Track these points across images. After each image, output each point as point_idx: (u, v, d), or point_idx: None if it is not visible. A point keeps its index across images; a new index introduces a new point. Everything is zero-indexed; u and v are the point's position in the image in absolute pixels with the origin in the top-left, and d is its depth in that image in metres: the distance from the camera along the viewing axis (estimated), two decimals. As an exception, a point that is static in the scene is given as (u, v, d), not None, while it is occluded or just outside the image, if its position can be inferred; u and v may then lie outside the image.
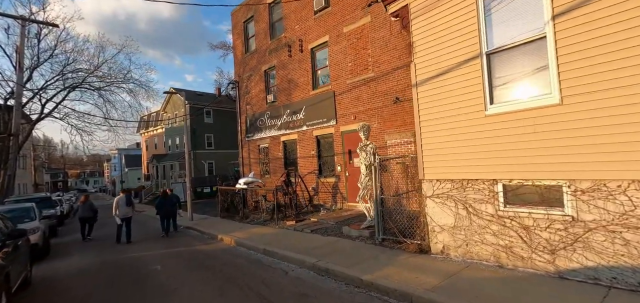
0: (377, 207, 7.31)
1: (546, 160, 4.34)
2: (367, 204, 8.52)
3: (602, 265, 3.94)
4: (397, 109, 10.38)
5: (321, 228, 9.47)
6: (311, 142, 13.42)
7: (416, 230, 6.50)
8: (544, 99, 4.38)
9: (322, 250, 7.16)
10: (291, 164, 14.61)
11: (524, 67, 4.64)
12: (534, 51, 4.51)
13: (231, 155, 35.28)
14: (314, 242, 7.95)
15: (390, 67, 10.54)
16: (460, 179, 5.39)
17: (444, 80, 5.55)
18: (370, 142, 8.77)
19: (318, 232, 9.13)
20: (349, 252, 6.80)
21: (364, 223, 8.43)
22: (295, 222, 10.62)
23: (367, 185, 8.56)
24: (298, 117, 13.88)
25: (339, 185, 12.31)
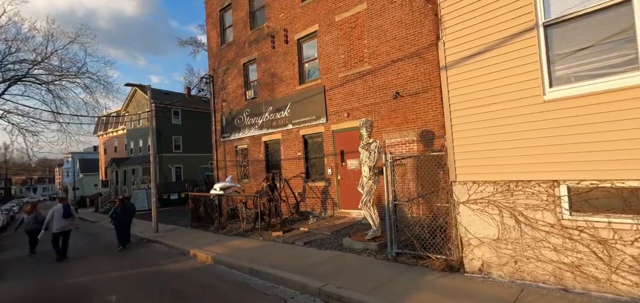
0: (389, 215, 6.19)
1: (632, 154, 3.43)
2: (370, 212, 7.40)
3: None
4: (397, 105, 9.41)
5: (315, 240, 8.21)
6: (297, 143, 12.14)
7: (442, 243, 5.45)
8: (629, 77, 3.49)
9: (324, 268, 5.91)
10: (274, 167, 13.21)
11: (597, 40, 3.74)
12: (612, 19, 3.62)
13: (202, 159, 33.00)
14: (311, 258, 6.68)
15: (389, 58, 9.57)
16: (505, 181, 4.40)
17: (483, 61, 4.57)
18: (374, 139, 7.68)
19: (312, 244, 7.86)
20: (359, 270, 5.62)
21: (368, 233, 7.30)
22: (283, 233, 9.27)
23: (371, 189, 7.44)
24: (282, 115, 12.55)
25: (329, 189, 11.11)
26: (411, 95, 9.11)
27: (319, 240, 8.17)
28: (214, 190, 12.21)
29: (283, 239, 8.64)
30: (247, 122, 14.02)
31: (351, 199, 10.45)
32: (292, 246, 7.99)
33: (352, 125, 10.42)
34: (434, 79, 8.67)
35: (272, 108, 12.96)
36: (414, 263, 5.60)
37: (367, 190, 7.47)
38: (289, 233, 9.20)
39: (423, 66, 8.87)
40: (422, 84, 8.88)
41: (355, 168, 10.40)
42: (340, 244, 7.53)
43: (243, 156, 14.55)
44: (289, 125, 12.33)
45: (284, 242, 8.42)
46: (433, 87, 8.68)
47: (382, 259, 6.09)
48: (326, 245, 7.67)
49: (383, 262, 5.96)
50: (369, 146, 7.52)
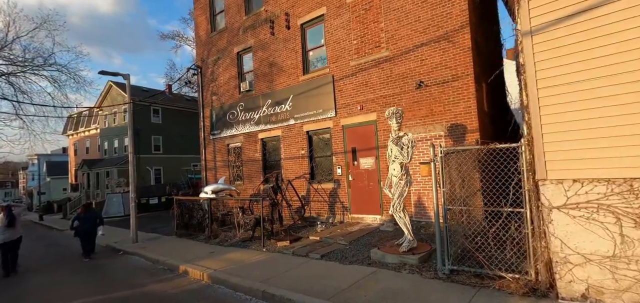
0: (439, 222, 5.01)
1: None
2: (404, 218, 6.22)
3: None
4: (420, 96, 8.32)
5: (332, 251, 6.94)
6: (300, 139, 10.83)
7: (514, 259, 4.33)
8: None
9: (365, 293, 4.65)
10: (272, 167, 11.83)
11: None
12: None
13: (184, 161, 30.94)
14: (338, 277, 5.41)
15: (411, 43, 8.48)
16: (628, 178, 3.32)
17: (590, 20, 3.48)
18: (405, 132, 6.51)
19: (331, 257, 6.59)
20: (414, 297, 4.38)
21: (402, 244, 6.09)
22: (290, 242, 7.94)
23: (403, 191, 6.27)
24: (283, 109, 11.22)
25: (338, 192, 9.87)
26: (438, 85, 8.04)
27: (338, 251, 6.91)
28: (204, 193, 10.71)
29: (293, 251, 7.31)
30: (242, 118, 12.57)
31: (364, 203, 9.26)
32: (305, 259, 6.69)
33: (366, 120, 9.25)
34: (465, 66, 7.64)
35: (270, 101, 11.60)
36: (479, 284, 4.44)
37: (398, 193, 6.29)
38: (298, 243, 7.88)
39: (452, 51, 7.83)
40: (451, 71, 7.84)
41: (369, 168, 9.22)
42: (367, 257, 6.30)
43: (236, 155, 13.07)
44: (290, 120, 11.01)
45: (295, 255, 7.10)
46: (464, 75, 7.65)
47: (432, 278, 4.91)
48: (349, 258, 6.42)
49: (435, 281, 4.77)
50: (399, 140, 6.34)
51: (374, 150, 9.16)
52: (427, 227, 7.96)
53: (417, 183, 8.36)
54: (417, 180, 8.35)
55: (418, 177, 8.32)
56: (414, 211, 8.38)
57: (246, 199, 10.56)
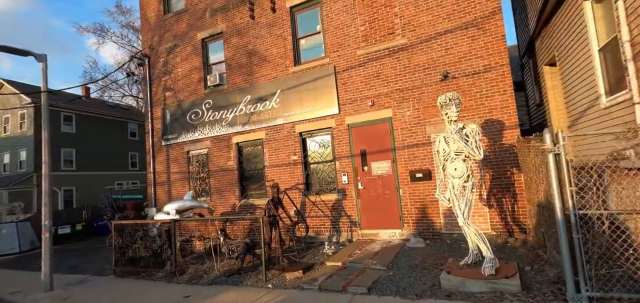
0: (565, 232, 3.78)
1: None
2: (476, 230, 4.91)
3: None
4: (447, 89, 7.30)
5: (377, 281, 5.24)
6: (291, 143, 8.94)
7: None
8: None
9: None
10: (252, 178, 9.63)
11: None
12: None
13: (105, 179, 25.56)
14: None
15: (432, 30, 7.49)
16: None
17: None
18: (465, 123, 5.29)
19: (383, 290, 4.91)
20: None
21: (483, 264, 4.72)
22: (302, 273, 6.02)
23: (470, 197, 4.99)
24: (267, 107, 9.22)
25: (343, 204, 8.22)
26: (467, 76, 7.13)
27: (383, 281, 5.24)
28: (164, 214, 8.02)
29: (318, 285, 5.39)
30: (209, 118, 10.11)
31: (379, 215, 7.79)
32: (348, 297, 4.87)
33: (378, 117, 7.89)
34: (500, 55, 6.87)
35: (250, 97, 9.49)
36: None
37: (467, 200, 4.99)
38: (314, 273, 6.01)
39: (483, 39, 7.03)
40: (483, 61, 7.01)
41: (384, 174, 7.83)
42: (433, 286, 4.79)
43: (200, 165, 10.44)
44: (278, 119, 9.06)
45: (324, 290, 5.22)
46: (499, 65, 6.87)
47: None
48: (410, 290, 4.81)
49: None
50: (461, 131, 5.09)
51: (389, 152, 7.81)
52: (457, 242, 6.80)
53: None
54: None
55: (447, 182, 7.18)
56: (443, 222, 7.20)
57: (239, 217, 8.18)
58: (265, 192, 9.22)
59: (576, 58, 6.20)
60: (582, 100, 6.16)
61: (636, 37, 4.36)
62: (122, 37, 28.60)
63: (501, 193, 6.78)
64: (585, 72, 5.93)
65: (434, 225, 7.25)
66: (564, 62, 6.85)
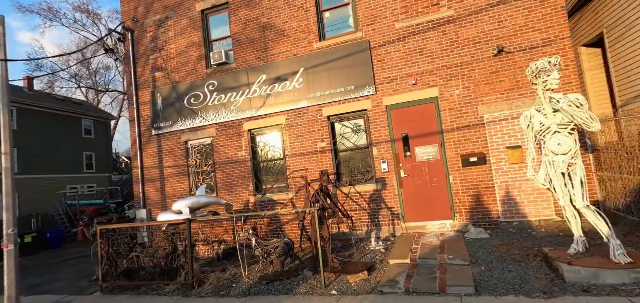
0: None
1: None
2: (595, 212, 4.17)
3: None
4: (500, 66, 6.61)
5: (478, 279, 4.29)
6: (318, 127, 7.74)
7: None
8: None
9: None
10: (269, 171, 8.27)
11: None
12: None
13: (57, 183, 22.10)
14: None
15: (484, 1, 6.75)
16: None
17: None
18: (550, 96, 4.52)
19: (496, 290, 3.96)
20: None
21: (616, 252, 3.94)
22: (368, 274, 4.94)
23: (582, 177, 4.25)
24: (288, 88, 7.92)
25: (384, 195, 7.21)
26: (523, 51, 6.48)
27: (483, 278, 4.32)
28: (170, 214, 6.45)
29: (402, 287, 4.32)
30: (213, 102, 8.54)
31: (425, 206, 6.91)
32: (451, 300, 3.86)
33: (422, 97, 7.00)
34: (560, 28, 6.30)
35: (265, 78, 8.11)
36: None
37: (581, 179, 4.23)
38: (379, 275, 4.91)
39: (540, 11, 6.41)
40: (541, 34, 6.39)
41: (431, 160, 6.96)
42: (552, 279, 3.95)
43: (203, 157, 8.81)
44: (302, 101, 7.81)
45: (415, 293, 4.17)
46: (559, 39, 6.29)
47: None
48: (524, 286, 3.93)
49: None
50: (560, 103, 4.34)
51: (437, 136, 6.95)
52: (521, 231, 6.12)
53: (503, 174, 6.52)
54: (503, 169, 6.51)
55: (504, 166, 6.50)
56: (501, 209, 6.49)
57: (286, 211, 6.76)
58: (286, 186, 7.91)
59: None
60: None
61: None
62: (75, 20, 24.97)
63: (565, 176, 6.21)
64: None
65: (491, 214, 6.51)
66: (618, 40, 6.45)
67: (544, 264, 4.50)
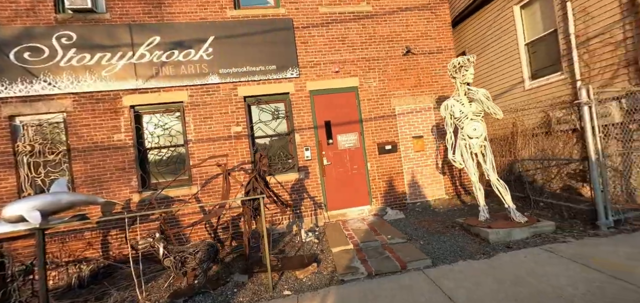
0: (597, 175, 4.33)
1: None
2: (504, 185, 5.01)
3: None
4: (408, 64, 7.30)
5: (428, 254, 4.40)
6: (232, 108, 6.47)
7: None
8: None
9: None
10: (162, 161, 6.31)
11: None
12: None
13: None
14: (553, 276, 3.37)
15: (394, 4, 7.30)
16: None
17: None
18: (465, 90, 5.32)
19: (442, 258, 4.14)
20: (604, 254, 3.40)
21: (515, 214, 4.80)
22: (316, 266, 4.40)
23: (491, 157, 5.10)
24: (192, 57, 6.29)
25: (305, 184, 6.70)
26: (425, 55, 7.38)
27: (428, 251, 4.47)
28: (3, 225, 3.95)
29: (364, 271, 3.96)
30: (68, 62, 5.84)
31: (347, 193, 6.89)
32: (417, 276, 3.80)
33: (345, 85, 6.96)
34: (447, 40, 7.51)
35: (159, 40, 6.19)
36: None
37: (490, 159, 5.03)
38: (328, 265, 4.44)
39: (435, 22, 7.47)
40: (436, 43, 7.45)
41: (352, 147, 6.97)
42: (480, 242, 4.48)
43: (47, 141, 5.86)
44: (212, 76, 6.36)
45: (379, 275, 3.89)
46: (447, 49, 7.49)
47: (597, 236, 4.12)
48: (465, 251, 4.27)
49: (603, 238, 4.01)
50: (477, 93, 5.12)
51: (357, 124, 7.00)
52: (425, 210, 6.94)
53: (409, 161, 7.19)
54: (409, 157, 7.19)
55: (410, 154, 7.19)
56: (408, 192, 7.12)
57: (214, 203, 4.89)
58: (189, 179, 6.24)
59: (497, 51, 7.58)
60: (502, 84, 7.57)
61: (580, 30, 5.67)
62: None
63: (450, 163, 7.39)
64: (507, 62, 7.34)
65: (400, 197, 7.05)
66: (480, 55, 8.21)
67: (464, 232, 5.08)
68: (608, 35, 5.21)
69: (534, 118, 6.48)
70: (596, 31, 5.38)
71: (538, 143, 6.31)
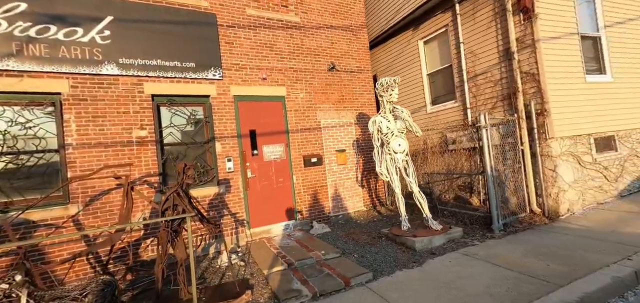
0: (493, 187, 5.16)
1: (609, 118, 6.26)
2: (423, 196, 5.46)
3: (633, 179, 6.44)
4: (332, 80, 7.43)
5: (366, 268, 4.36)
6: (136, 109, 5.23)
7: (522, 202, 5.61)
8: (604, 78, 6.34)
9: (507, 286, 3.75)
10: (22, 173, 4.55)
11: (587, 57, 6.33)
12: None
13: None
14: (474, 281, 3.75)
15: (322, 20, 7.38)
16: (571, 136, 5.80)
17: (560, 44, 5.75)
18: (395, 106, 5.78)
19: (381, 271, 4.21)
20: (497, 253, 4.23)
21: (432, 223, 5.26)
22: (251, 293, 3.86)
23: (413, 170, 5.55)
24: (79, 37, 4.84)
25: (227, 199, 5.91)
26: (347, 72, 7.67)
27: (365, 264, 4.45)
28: None
29: (308, 293, 3.64)
30: None
31: (270, 207, 6.45)
32: (363, 291, 3.71)
33: (272, 94, 6.59)
34: (366, 62, 8.00)
35: (25, 8, 4.56)
36: (519, 228, 5.19)
37: (412, 171, 5.46)
38: (263, 291, 3.96)
39: (356, 44, 7.88)
40: (357, 63, 7.84)
41: (277, 159, 6.59)
42: (407, 251, 4.74)
43: None
44: (108, 66, 5.03)
45: (323, 295, 3.65)
46: (366, 70, 7.98)
47: (493, 238, 4.91)
48: (399, 262, 4.43)
49: (500, 240, 4.83)
50: (403, 113, 5.57)
51: (283, 135, 6.65)
52: (348, 222, 7.07)
53: (332, 174, 7.23)
54: (332, 170, 7.24)
55: (334, 167, 7.25)
56: (331, 205, 7.11)
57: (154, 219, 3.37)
58: (65, 195, 4.68)
59: (405, 76, 8.50)
60: (410, 106, 8.47)
61: (470, 68, 6.83)
62: None
63: (369, 176, 7.78)
64: (414, 87, 8.29)
65: (324, 210, 6.99)
66: (388, 81, 9.05)
67: (390, 242, 5.29)
68: (490, 74, 6.40)
69: (436, 137, 7.44)
70: (481, 70, 6.56)
71: (439, 159, 7.23)
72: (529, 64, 5.69)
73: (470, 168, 6.69)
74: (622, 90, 6.46)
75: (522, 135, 5.75)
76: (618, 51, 6.52)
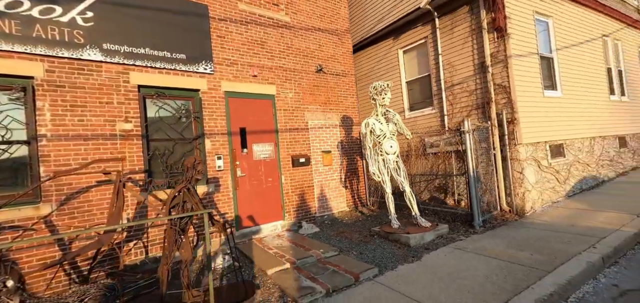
0: (474, 187, 5.62)
1: (562, 128, 7.20)
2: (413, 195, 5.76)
3: (576, 181, 7.46)
4: (320, 81, 7.50)
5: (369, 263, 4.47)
6: (121, 100, 4.77)
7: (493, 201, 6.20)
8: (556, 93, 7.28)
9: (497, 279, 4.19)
10: None
11: (544, 73, 7.22)
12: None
13: None
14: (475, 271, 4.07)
15: (310, 23, 7.42)
16: (533, 143, 6.56)
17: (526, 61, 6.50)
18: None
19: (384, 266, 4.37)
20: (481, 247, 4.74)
21: (421, 220, 5.55)
22: (260, 293, 3.79)
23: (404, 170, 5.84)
24: (58, 17, 4.31)
25: (216, 199, 5.64)
26: (333, 75, 7.79)
27: (366, 261, 4.57)
28: None
29: (320, 290, 3.66)
30: None
31: (259, 207, 6.32)
32: (372, 286, 3.83)
33: (262, 92, 6.47)
34: (349, 67, 8.21)
35: (-7, -24, 3.94)
36: (495, 224, 5.73)
37: (404, 171, 5.74)
38: (270, 291, 3.91)
39: (341, 48, 8.05)
40: (342, 67, 8.01)
41: (267, 158, 6.47)
42: (403, 247, 4.96)
43: None
44: (89, 50, 4.54)
45: (336, 291, 3.71)
46: (350, 74, 8.19)
47: (476, 234, 5.36)
48: (398, 257, 4.64)
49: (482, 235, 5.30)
50: (395, 116, 5.86)
51: (272, 134, 6.54)
52: (333, 222, 7.17)
53: (319, 174, 7.27)
54: (319, 170, 7.28)
55: (320, 168, 7.30)
56: (317, 206, 7.14)
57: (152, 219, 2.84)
58: (37, 193, 4.11)
59: (384, 84, 8.86)
60: (387, 113, 8.84)
61: (447, 78, 7.37)
62: None
63: (351, 177, 7.96)
64: (393, 93, 8.68)
65: (311, 211, 6.99)
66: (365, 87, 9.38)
67: (383, 239, 5.48)
68: (466, 84, 6.98)
69: (414, 141, 7.87)
70: (458, 80, 7.11)
71: (418, 162, 7.66)
72: (501, 77, 6.32)
73: (446, 169, 7.19)
74: (568, 105, 7.46)
75: (494, 140, 6.34)
76: (566, 71, 7.52)
